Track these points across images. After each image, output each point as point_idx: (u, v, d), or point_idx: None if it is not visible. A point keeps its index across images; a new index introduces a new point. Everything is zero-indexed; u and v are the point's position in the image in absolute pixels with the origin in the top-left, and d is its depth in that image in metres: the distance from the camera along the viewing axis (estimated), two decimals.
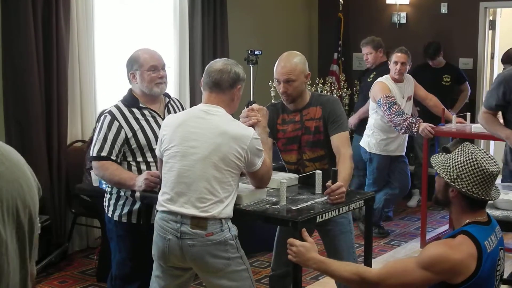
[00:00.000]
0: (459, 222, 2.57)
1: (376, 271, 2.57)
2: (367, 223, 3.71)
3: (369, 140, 5.97)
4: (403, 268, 2.51)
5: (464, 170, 2.51)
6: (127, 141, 3.54)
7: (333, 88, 7.50)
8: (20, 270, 1.65)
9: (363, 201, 3.46)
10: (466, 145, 2.59)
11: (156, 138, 3.42)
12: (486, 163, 2.51)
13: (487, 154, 2.55)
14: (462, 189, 2.51)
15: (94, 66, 5.70)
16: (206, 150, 3.05)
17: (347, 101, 7.53)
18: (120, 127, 3.53)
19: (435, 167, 2.61)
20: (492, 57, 7.73)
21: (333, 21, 8.11)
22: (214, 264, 3.07)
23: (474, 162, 2.50)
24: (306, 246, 2.78)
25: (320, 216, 3.16)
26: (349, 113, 7.03)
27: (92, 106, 5.69)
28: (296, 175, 3.68)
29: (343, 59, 7.94)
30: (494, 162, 2.54)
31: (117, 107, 3.61)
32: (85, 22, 5.56)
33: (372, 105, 5.92)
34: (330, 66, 8.00)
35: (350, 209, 3.39)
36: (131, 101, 3.63)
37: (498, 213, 3.84)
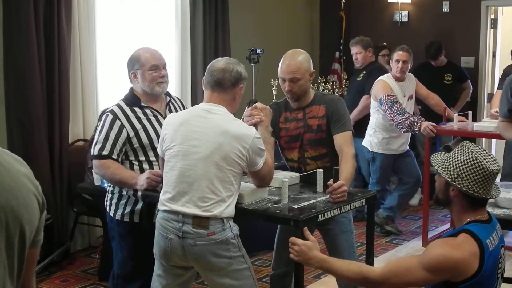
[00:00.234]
0: (460, 221, 2.57)
1: (379, 270, 2.57)
2: (369, 222, 3.71)
3: (371, 140, 5.97)
4: (406, 268, 2.51)
5: (464, 169, 2.51)
6: (129, 140, 3.53)
7: (334, 87, 7.50)
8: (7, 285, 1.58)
9: (364, 199, 3.46)
10: (465, 144, 2.59)
11: (158, 137, 3.41)
12: (486, 161, 2.51)
13: (486, 153, 2.55)
14: (463, 188, 2.51)
15: (95, 65, 5.70)
16: (208, 149, 3.05)
17: None
18: (122, 126, 3.53)
19: (435, 166, 2.61)
20: (494, 55, 7.73)
21: (334, 19, 8.11)
22: (216, 263, 3.07)
23: (475, 160, 2.50)
24: (308, 245, 2.78)
25: (322, 215, 3.15)
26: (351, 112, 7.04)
27: (93, 105, 5.69)
28: (297, 174, 3.68)
29: (344, 57, 7.94)
30: (494, 160, 2.55)
31: (119, 106, 3.60)
32: (87, 22, 5.56)
33: (373, 104, 5.92)
34: (331, 65, 8.00)
35: (352, 207, 3.39)
36: (132, 100, 3.63)
37: (500, 211, 3.84)
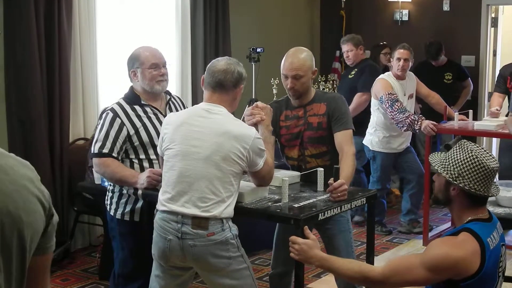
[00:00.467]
0: (461, 220, 2.57)
1: (379, 270, 2.56)
2: (369, 221, 3.71)
3: (371, 138, 5.97)
4: (407, 267, 2.51)
5: (465, 168, 2.51)
6: (129, 139, 3.53)
7: (335, 85, 7.49)
8: None
9: (365, 198, 3.46)
10: (463, 142, 2.58)
11: (158, 135, 3.40)
12: (486, 159, 2.51)
13: (485, 151, 2.56)
14: (465, 187, 2.50)
15: (96, 64, 5.69)
16: (208, 150, 3.04)
17: None
18: (122, 124, 3.53)
19: (434, 166, 2.60)
20: (495, 54, 7.72)
21: (335, 18, 8.10)
22: (216, 263, 3.06)
23: (475, 159, 2.50)
24: (309, 244, 2.78)
25: (322, 213, 3.15)
26: None
27: (94, 104, 5.69)
28: (298, 173, 3.68)
29: None
30: (493, 158, 2.55)
31: (119, 105, 3.60)
32: (87, 20, 5.56)
33: (374, 102, 5.91)
34: (332, 63, 8.00)
35: (352, 206, 3.39)
36: (132, 98, 3.63)
37: (500, 210, 3.85)
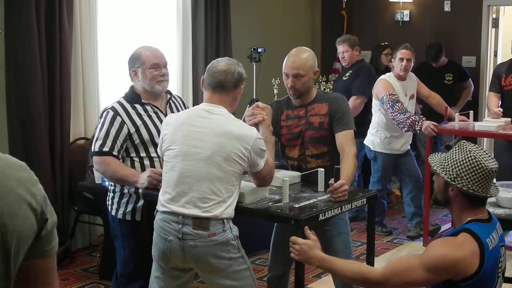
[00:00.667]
0: (460, 220, 2.57)
1: (379, 271, 2.56)
2: (369, 221, 3.71)
3: (373, 139, 5.97)
4: (407, 268, 2.51)
5: (463, 169, 2.51)
6: (130, 137, 3.54)
7: None
8: None
9: (365, 199, 3.46)
10: (463, 143, 2.59)
11: (158, 133, 3.39)
12: (484, 160, 2.51)
13: (484, 151, 2.56)
14: (463, 188, 2.51)
15: (97, 64, 5.70)
16: (209, 150, 3.04)
17: None
18: (122, 122, 3.53)
19: (433, 166, 2.61)
20: (496, 55, 7.72)
21: (336, 18, 8.10)
22: (216, 264, 3.06)
23: (473, 160, 2.50)
24: (309, 244, 2.78)
25: (323, 214, 3.15)
26: None
27: (95, 103, 5.69)
28: (298, 173, 3.68)
29: None
30: (492, 159, 2.55)
31: (120, 103, 3.61)
32: (88, 20, 5.56)
33: (375, 103, 5.92)
34: (333, 64, 7.99)
35: (353, 207, 3.39)
36: (133, 97, 3.63)
37: (500, 211, 3.85)
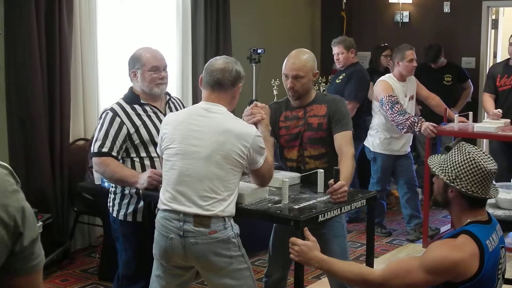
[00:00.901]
0: (460, 222, 2.57)
1: (379, 272, 2.57)
2: (369, 222, 3.71)
3: (373, 140, 5.98)
4: (407, 269, 2.51)
5: (462, 170, 2.51)
6: (129, 137, 3.54)
7: None
8: None
9: (365, 200, 3.46)
10: (462, 144, 2.59)
11: (158, 133, 3.39)
12: (484, 161, 2.51)
13: (483, 153, 2.55)
14: (462, 189, 2.51)
15: (96, 64, 5.70)
16: (208, 149, 3.05)
17: None
18: (122, 123, 3.53)
19: (432, 168, 2.61)
20: (495, 56, 7.73)
21: (335, 19, 8.10)
22: (217, 262, 3.06)
23: (472, 161, 2.50)
24: (309, 245, 2.78)
25: (322, 215, 3.15)
26: None
27: (94, 104, 5.69)
28: (298, 174, 3.68)
29: None
30: (491, 160, 2.55)
31: (119, 104, 3.62)
32: (88, 20, 5.56)
33: (375, 104, 5.92)
34: (332, 64, 7.98)
35: (352, 208, 3.39)
36: (132, 98, 3.64)
37: (500, 212, 3.85)
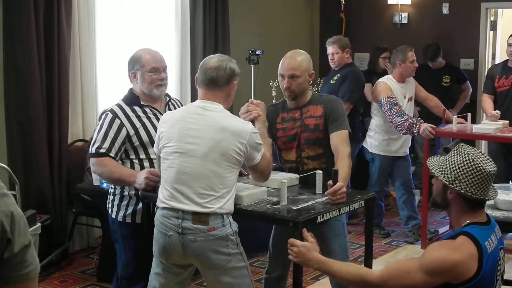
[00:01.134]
0: (459, 223, 2.57)
1: (377, 273, 2.57)
2: (368, 223, 3.71)
3: (371, 141, 5.98)
4: (406, 270, 2.51)
5: (461, 171, 2.51)
6: (129, 139, 3.54)
7: None
8: None
9: (363, 201, 3.46)
10: (461, 146, 2.59)
11: None
12: (483, 163, 2.51)
13: (483, 154, 2.56)
14: (461, 191, 2.51)
15: (95, 66, 5.70)
16: (205, 147, 3.07)
17: None
18: (121, 125, 3.53)
19: (431, 169, 2.61)
20: (494, 57, 7.73)
21: (334, 21, 8.11)
22: (215, 260, 3.08)
23: (471, 162, 2.50)
24: (307, 246, 2.78)
25: (321, 216, 3.15)
26: None
27: (93, 105, 5.69)
28: (296, 175, 3.68)
29: None
30: (490, 161, 2.55)
31: (119, 106, 3.62)
32: (87, 22, 5.56)
33: (374, 106, 5.93)
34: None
35: (351, 209, 3.39)
36: (132, 99, 3.64)
37: (499, 213, 3.85)
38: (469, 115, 6.03)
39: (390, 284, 2.51)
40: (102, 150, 3.51)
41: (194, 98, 6.44)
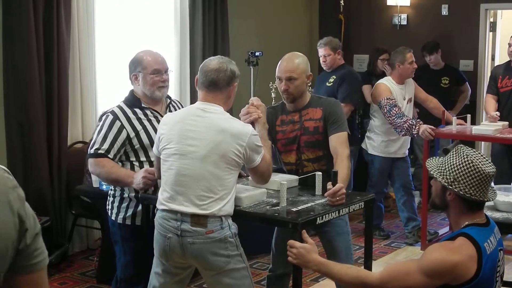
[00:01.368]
0: (458, 225, 2.58)
1: (377, 275, 2.57)
2: (367, 225, 3.71)
3: (370, 142, 5.99)
4: (405, 272, 2.51)
5: (460, 173, 2.51)
6: (129, 141, 3.54)
7: None
8: None
9: (363, 202, 3.46)
10: (460, 147, 2.59)
11: None
12: (482, 164, 2.51)
13: (482, 156, 2.56)
14: (460, 192, 2.51)
15: (94, 67, 5.70)
16: (205, 149, 3.07)
17: None
18: (122, 127, 3.54)
19: (430, 171, 2.61)
20: (493, 58, 7.73)
21: (333, 22, 8.10)
22: (214, 262, 3.08)
23: (470, 164, 2.50)
24: (307, 248, 2.78)
25: (320, 217, 3.15)
26: None
27: (92, 107, 5.69)
28: (296, 177, 3.69)
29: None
30: (489, 163, 2.55)
31: (120, 108, 3.62)
32: (86, 23, 5.56)
33: (373, 107, 5.93)
34: None
35: (350, 210, 3.40)
36: (133, 101, 3.64)
37: (498, 215, 3.85)
38: (469, 116, 6.03)
39: (390, 286, 2.51)
40: (101, 151, 3.51)
41: (193, 100, 6.44)
